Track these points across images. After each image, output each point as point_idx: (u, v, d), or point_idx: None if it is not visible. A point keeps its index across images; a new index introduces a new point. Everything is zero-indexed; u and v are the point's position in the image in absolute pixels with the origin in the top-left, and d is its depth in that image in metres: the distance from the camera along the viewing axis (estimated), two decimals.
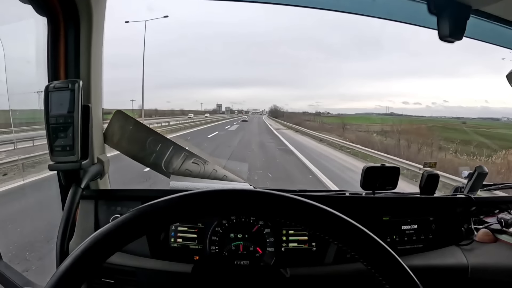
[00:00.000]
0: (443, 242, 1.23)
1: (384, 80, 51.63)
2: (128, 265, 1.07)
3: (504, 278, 1.08)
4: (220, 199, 0.51)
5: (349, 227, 0.51)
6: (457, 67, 43.84)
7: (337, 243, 0.51)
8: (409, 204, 1.26)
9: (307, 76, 65.05)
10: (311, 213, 0.51)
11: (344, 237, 0.51)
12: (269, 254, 1.13)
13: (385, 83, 52.90)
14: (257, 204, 0.51)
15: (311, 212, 0.51)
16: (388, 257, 0.50)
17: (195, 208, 0.51)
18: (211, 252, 1.12)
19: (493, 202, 1.36)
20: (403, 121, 26.33)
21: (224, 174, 1.35)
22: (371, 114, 35.14)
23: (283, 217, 0.51)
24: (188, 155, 1.32)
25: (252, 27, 68.53)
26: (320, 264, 1.12)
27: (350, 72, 56.92)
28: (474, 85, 47.77)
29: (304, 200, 0.51)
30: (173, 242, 1.14)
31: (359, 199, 1.24)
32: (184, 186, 1.24)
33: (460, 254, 1.17)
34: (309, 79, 64.71)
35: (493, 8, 1.18)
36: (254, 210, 0.52)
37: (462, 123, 23.77)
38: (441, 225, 1.25)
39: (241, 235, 1.13)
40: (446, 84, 44.48)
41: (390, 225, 1.22)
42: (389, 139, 18.92)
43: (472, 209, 1.29)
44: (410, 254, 1.19)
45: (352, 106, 57.51)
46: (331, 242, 0.51)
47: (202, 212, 0.51)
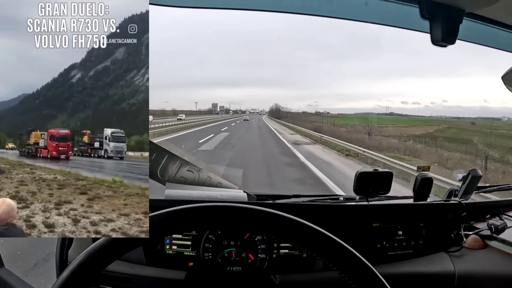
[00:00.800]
0: (432, 248, 1.24)
1: (382, 80, 50.82)
2: (125, 273, 1.11)
3: (490, 285, 1.09)
4: (192, 216, 0.54)
5: (319, 236, 0.54)
6: (455, 67, 43.06)
7: (311, 252, 0.54)
8: (400, 210, 1.27)
9: (305, 76, 64.07)
10: (280, 224, 0.54)
11: (315, 246, 0.54)
12: (261, 261, 1.17)
13: (383, 83, 52.14)
14: (228, 219, 0.55)
15: (280, 223, 0.54)
16: (359, 264, 0.52)
17: (181, 224, 0.54)
18: (205, 258, 1.16)
19: (485, 207, 1.37)
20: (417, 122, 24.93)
21: (219, 181, 1.39)
22: (371, 114, 33.34)
23: (255, 229, 0.56)
24: (182, 163, 1.35)
25: (250, 27, 67.84)
26: (310, 271, 1.16)
27: (348, 72, 56.08)
28: (473, 85, 47.00)
29: (272, 211, 0.54)
30: (168, 249, 1.18)
31: (349, 207, 1.26)
32: (179, 194, 1.27)
33: (448, 261, 1.19)
34: (307, 79, 63.70)
35: (487, 11, 1.17)
36: (226, 225, 0.55)
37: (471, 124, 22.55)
38: (431, 231, 1.26)
39: (234, 242, 1.17)
40: (445, 84, 43.81)
41: (381, 231, 1.24)
42: (428, 146, 15.86)
43: (462, 214, 1.30)
44: (400, 260, 1.21)
45: (350, 106, 56.71)
46: (304, 251, 0.54)
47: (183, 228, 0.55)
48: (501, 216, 1.32)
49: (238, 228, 0.56)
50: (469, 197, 1.45)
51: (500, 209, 1.36)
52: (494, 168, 11.22)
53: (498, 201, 1.45)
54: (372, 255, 1.19)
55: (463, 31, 1.10)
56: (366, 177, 1.30)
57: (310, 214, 1.22)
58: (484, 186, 1.54)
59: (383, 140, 19.92)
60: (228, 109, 71.44)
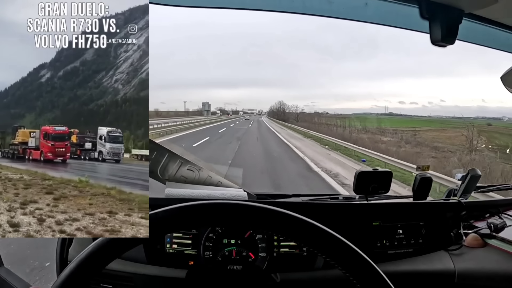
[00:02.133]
0: (432, 247, 1.25)
1: (379, 80, 50.69)
2: (126, 271, 1.11)
3: (490, 283, 1.10)
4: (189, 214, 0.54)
5: (322, 233, 0.54)
6: (453, 66, 43.03)
7: (312, 249, 0.54)
8: (399, 209, 1.28)
9: (302, 76, 63.47)
10: (282, 221, 0.54)
11: (317, 243, 0.54)
12: (261, 259, 1.17)
13: (381, 83, 52.03)
14: (230, 216, 0.55)
15: (282, 220, 0.54)
16: (362, 262, 0.52)
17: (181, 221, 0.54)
18: (205, 257, 1.16)
19: (484, 206, 1.37)
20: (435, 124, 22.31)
21: (219, 180, 1.39)
22: (370, 114, 31.06)
23: (259, 227, 0.55)
24: (183, 162, 1.36)
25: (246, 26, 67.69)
26: (310, 269, 1.16)
27: (345, 72, 55.75)
28: (471, 85, 47.17)
29: (274, 208, 0.54)
30: (169, 247, 1.18)
31: (349, 205, 1.27)
32: (179, 193, 1.28)
33: (448, 259, 1.19)
34: (304, 79, 63.07)
35: (486, 11, 1.18)
36: (227, 222, 0.55)
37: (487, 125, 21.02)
38: (431, 229, 1.27)
39: (234, 241, 1.17)
40: (442, 83, 43.92)
41: (381, 230, 1.24)
42: None
43: (462, 213, 1.30)
44: (400, 258, 1.21)
45: (347, 106, 56.48)
46: (307, 249, 0.54)
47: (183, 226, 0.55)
48: (501, 215, 1.33)
49: (241, 225, 0.56)
50: (468, 196, 1.45)
51: (499, 208, 1.36)
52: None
53: (498, 200, 1.46)
54: (372, 253, 1.19)
55: (463, 31, 1.11)
56: (365, 176, 1.30)
57: (310, 213, 1.21)
58: (483, 185, 1.55)
59: (447, 155, 13.32)
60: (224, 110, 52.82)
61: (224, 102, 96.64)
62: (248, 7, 1.41)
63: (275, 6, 1.40)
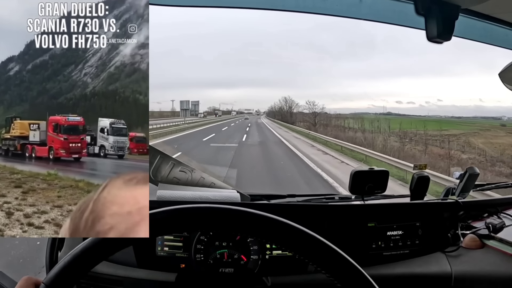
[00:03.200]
0: (429, 248, 1.22)
1: (376, 80, 50.39)
2: (116, 275, 1.10)
3: (488, 286, 1.07)
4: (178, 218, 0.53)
5: (307, 238, 0.52)
6: (449, 65, 42.69)
7: (294, 253, 0.52)
8: (395, 210, 1.25)
9: (299, 76, 63.15)
10: (266, 225, 0.52)
11: (299, 247, 0.52)
12: (253, 262, 1.15)
13: (378, 82, 51.74)
14: (217, 221, 0.53)
15: (265, 225, 0.52)
16: (346, 265, 0.51)
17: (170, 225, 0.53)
18: (197, 260, 1.14)
19: (482, 206, 1.35)
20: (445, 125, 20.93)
21: (212, 181, 1.37)
22: (368, 114, 29.52)
23: (240, 231, 0.54)
24: (175, 163, 1.34)
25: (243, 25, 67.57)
26: (303, 272, 1.14)
27: (342, 72, 55.40)
28: (468, 84, 46.89)
29: (256, 212, 0.52)
30: (160, 250, 1.16)
31: (344, 206, 1.25)
32: (171, 195, 1.26)
33: (444, 261, 1.17)
34: (301, 79, 62.74)
35: (483, 7, 1.15)
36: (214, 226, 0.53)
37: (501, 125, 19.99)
38: (427, 230, 1.24)
39: (226, 243, 1.15)
40: (439, 83, 43.72)
41: (376, 231, 1.21)
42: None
43: (460, 213, 1.27)
44: (395, 260, 1.19)
45: (344, 106, 56.11)
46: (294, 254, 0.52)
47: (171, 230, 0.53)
48: (499, 214, 1.30)
49: (225, 230, 0.54)
50: (466, 195, 1.43)
51: (498, 207, 1.33)
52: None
53: (496, 199, 1.43)
54: (367, 255, 1.17)
55: (459, 27, 1.08)
56: (361, 176, 1.28)
57: (304, 214, 1.20)
58: (481, 184, 1.52)
59: None
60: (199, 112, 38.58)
61: (219, 101, 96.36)
62: (241, 6, 1.39)
63: (269, 4, 1.39)
